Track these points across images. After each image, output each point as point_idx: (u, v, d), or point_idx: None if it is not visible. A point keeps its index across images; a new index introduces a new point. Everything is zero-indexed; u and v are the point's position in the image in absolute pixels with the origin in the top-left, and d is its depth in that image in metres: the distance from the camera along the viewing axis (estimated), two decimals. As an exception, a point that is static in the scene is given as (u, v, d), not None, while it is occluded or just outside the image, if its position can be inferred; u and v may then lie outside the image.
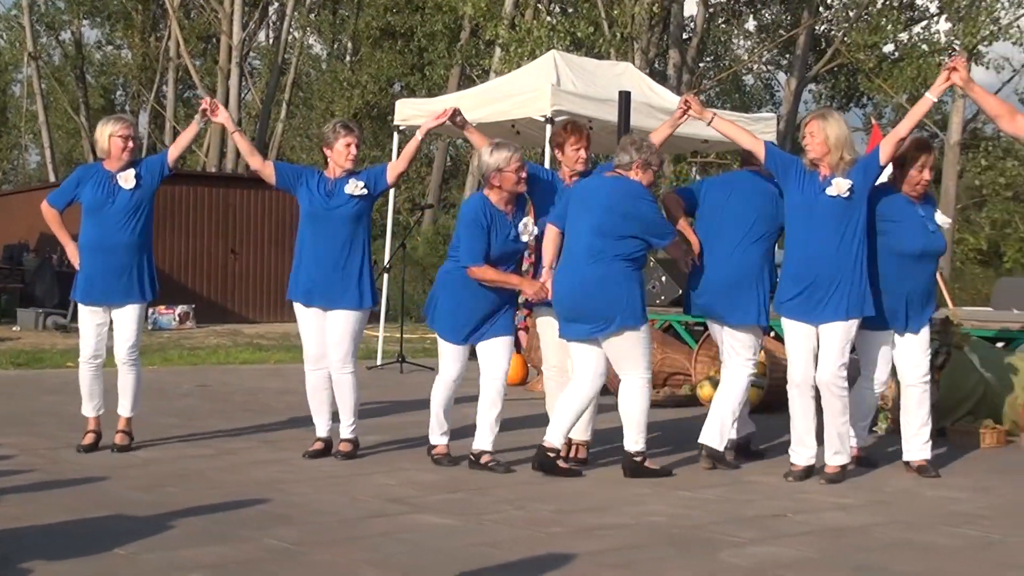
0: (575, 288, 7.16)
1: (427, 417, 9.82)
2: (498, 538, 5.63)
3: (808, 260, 7.12)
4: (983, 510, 6.46)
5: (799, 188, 7.19)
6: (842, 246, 7.08)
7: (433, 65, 33.52)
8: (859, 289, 7.10)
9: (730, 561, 5.26)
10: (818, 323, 7.16)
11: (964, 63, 7.11)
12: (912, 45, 31.05)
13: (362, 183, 7.73)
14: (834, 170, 7.10)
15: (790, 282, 7.21)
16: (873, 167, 7.20)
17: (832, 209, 7.08)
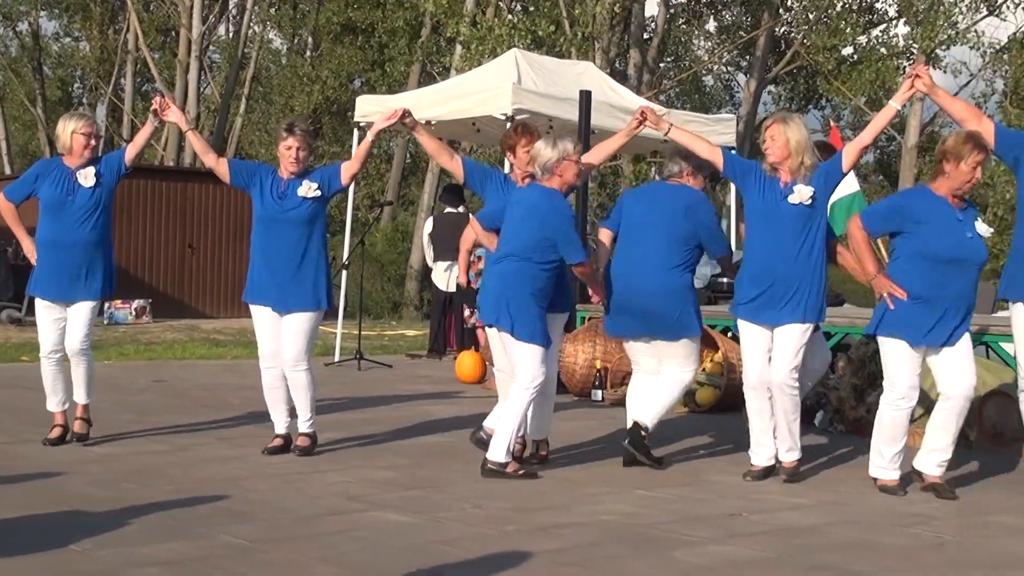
0: (646, 295, 7.45)
1: (384, 414, 9.86)
2: (454, 536, 5.64)
3: (767, 264, 7.14)
4: (935, 511, 6.52)
5: (760, 194, 7.22)
6: (802, 252, 7.12)
7: (394, 61, 33.43)
8: (817, 295, 7.14)
9: (685, 560, 5.29)
10: (774, 325, 7.20)
11: (927, 69, 7.16)
12: (871, 48, 31.24)
13: (315, 184, 7.70)
14: (794, 175, 7.13)
15: (748, 285, 7.23)
16: (835, 174, 7.24)
17: (793, 216, 7.11)
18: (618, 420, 9.78)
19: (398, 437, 8.66)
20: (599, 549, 5.47)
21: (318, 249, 7.78)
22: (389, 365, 13.83)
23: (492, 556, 5.27)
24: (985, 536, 5.94)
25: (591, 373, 11.12)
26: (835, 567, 5.23)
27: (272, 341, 7.80)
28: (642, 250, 7.49)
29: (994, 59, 31.13)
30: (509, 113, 12.89)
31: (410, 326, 21.92)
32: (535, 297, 7.19)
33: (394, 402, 10.64)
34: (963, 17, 29.27)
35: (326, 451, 7.96)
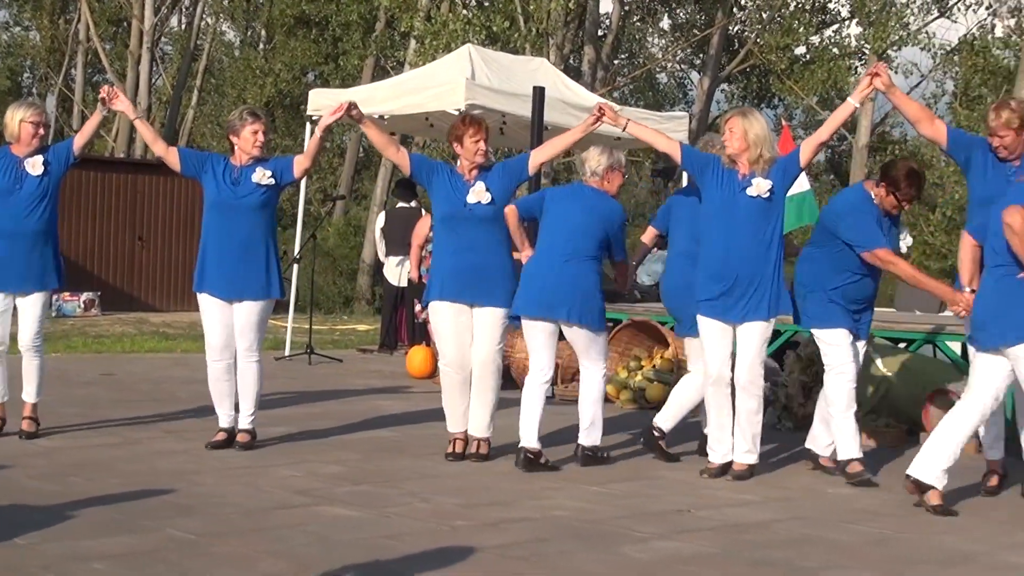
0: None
1: (333, 408, 9.83)
2: (402, 530, 5.63)
3: (727, 259, 7.16)
4: (880, 507, 6.57)
5: (718, 187, 7.24)
6: (760, 246, 7.15)
7: (347, 55, 33.29)
8: (778, 289, 7.19)
9: (632, 555, 5.31)
10: (737, 323, 7.23)
11: (886, 68, 7.22)
12: (823, 48, 31.41)
13: (269, 172, 7.67)
14: (752, 167, 7.17)
15: (709, 281, 7.23)
16: (793, 168, 7.28)
17: (751, 209, 7.14)
18: (568, 416, 9.80)
19: (347, 432, 8.64)
20: (547, 544, 5.48)
21: (270, 237, 7.75)
22: (340, 360, 13.79)
23: (440, 551, 5.27)
24: (928, 531, 5.99)
25: (542, 369, 11.10)
26: (781, 563, 5.26)
27: (220, 333, 7.75)
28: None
29: (944, 60, 31.38)
30: (462, 108, 12.85)
31: (361, 321, 21.87)
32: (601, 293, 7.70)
33: (344, 397, 10.62)
34: (914, 18, 29.51)
35: (275, 445, 7.92)
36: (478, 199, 7.45)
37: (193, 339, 15.37)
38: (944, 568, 5.28)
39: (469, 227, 7.47)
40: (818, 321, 7.31)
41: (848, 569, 5.19)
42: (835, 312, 7.27)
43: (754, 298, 7.14)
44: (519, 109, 13.23)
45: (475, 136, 7.52)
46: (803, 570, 5.15)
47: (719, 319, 7.23)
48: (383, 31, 31.37)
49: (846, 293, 7.28)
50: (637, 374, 10.59)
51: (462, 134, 7.58)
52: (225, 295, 7.70)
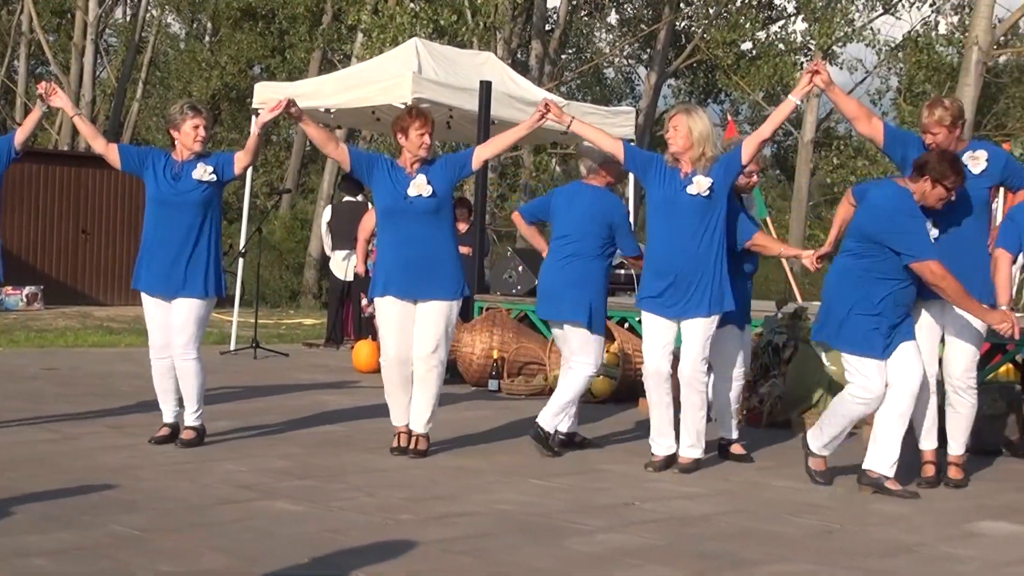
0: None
1: (279, 403, 9.79)
2: (347, 524, 5.62)
3: (670, 256, 7.20)
4: (824, 500, 6.62)
5: (660, 185, 7.28)
6: (703, 243, 7.19)
7: (294, 48, 33.19)
8: (720, 285, 7.23)
9: (577, 548, 5.32)
10: (680, 319, 7.27)
11: (825, 66, 7.28)
12: (769, 44, 31.64)
13: (211, 168, 7.59)
14: (695, 165, 7.20)
15: (652, 278, 7.27)
16: (735, 165, 7.32)
17: (693, 206, 7.18)
18: (514, 410, 9.83)
19: (293, 426, 8.60)
20: (492, 538, 5.48)
21: (211, 235, 7.67)
22: (285, 354, 13.73)
23: (384, 544, 5.26)
24: (870, 524, 6.05)
25: (488, 363, 11.14)
26: (725, 555, 5.29)
27: (162, 331, 7.67)
28: None
29: (889, 57, 31.65)
30: (409, 102, 12.82)
31: (308, 315, 21.79)
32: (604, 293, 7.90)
33: (290, 391, 10.57)
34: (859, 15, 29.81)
35: (220, 440, 7.88)
36: (419, 192, 7.42)
37: (137, 333, 15.27)
38: (885, 560, 5.32)
39: (411, 220, 7.44)
40: (856, 348, 6.75)
41: (790, 561, 5.23)
42: (876, 340, 6.70)
43: (695, 295, 7.18)
44: (466, 103, 13.23)
45: (421, 129, 7.49)
46: (746, 562, 5.18)
47: (661, 315, 7.27)
48: (330, 24, 31.27)
49: (897, 299, 6.72)
50: (583, 368, 10.59)
51: (408, 126, 7.53)
52: (163, 293, 7.61)
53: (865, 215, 6.82)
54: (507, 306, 12.22)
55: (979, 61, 22.14)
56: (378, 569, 4.87)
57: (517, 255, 12.67)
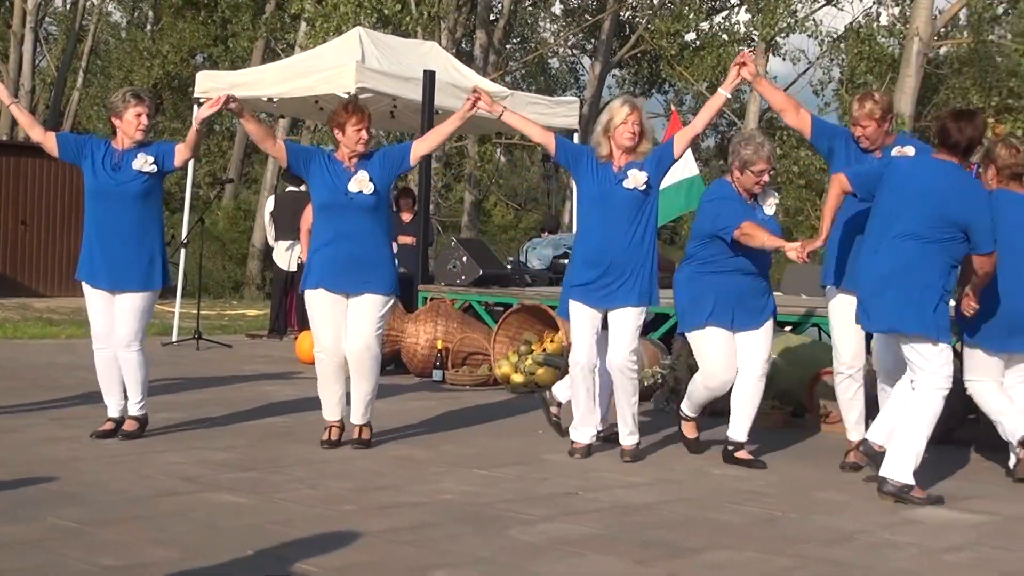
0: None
1: (222, 394, 9.74)
2: (291, 516, 5.60)
3: (602, 248, 7.22)
4: (766, 488, 6.67)
5: (594, 178, 7.28)
6: (636, 236, 7.23)
7: (237, 37, 32.95)
8: (651, 278, 7.29)
9: (520, 538, 5.33)
10: (609, 308, 7.29)
11: (752, 58, 7.33)
12: (713, 35, 31.76)
13: (151, 158, 7.50)
14: (630, 158, 7.23)
15: (582, 268, 7.29)
16: (667, 159, 7.36)
17: (629, 200, 7.21)
18: (458, 400, 9.83)
19: (236, 418, 8.56)
20: (436, 528, 5.48)
21: (154, 226, 7.59)
22: (228, 345, 13.66)
23: (328, 535, 5.25)
24: (812, 512, 6.09)
25: (432, 354, 11.13)
26: (667, 543, 5.32)
27: (105, 321, 7.59)
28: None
29: (831, 48, 31.86)
30: (352, 92, 12.79)
31: (251, 306, 21.69)
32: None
33: (232, 383, 10.52)
34: (802, 6, 29.94)
35: (162, 432, 7.82)
36: (360, 188, 7.37)
37: (78, 325, 15.12)
38: (826, 547, 5.37)
39: (349, 216, 7.38)
40: (945, 335, 6.47)
41: (732, 549, 5.26)
42: (946, 321, 6.52)
43: (627, 285, 7.23)
44: (410, 93, 13.21)
45: (357, 125, 7.42)
46: (688, 550, 5.21)
47: (590, 305, 7.29)
48: (273, 13, 31.09)
49: (949, 290, 6.59)
50: (528, 358, 10.63)
51: (344, 122, 7.45)
52: (106, 285, 7.53)
53: (955, 198, 6.49)
54: (451, 296, 12.21)
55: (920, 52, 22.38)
56: (321, 560, 4.86)
57: (461, 245, 12.67)
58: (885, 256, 6.55)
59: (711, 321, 7.29)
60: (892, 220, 6.55)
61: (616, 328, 7.30)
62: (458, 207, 31.33)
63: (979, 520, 6.04)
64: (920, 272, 6.46)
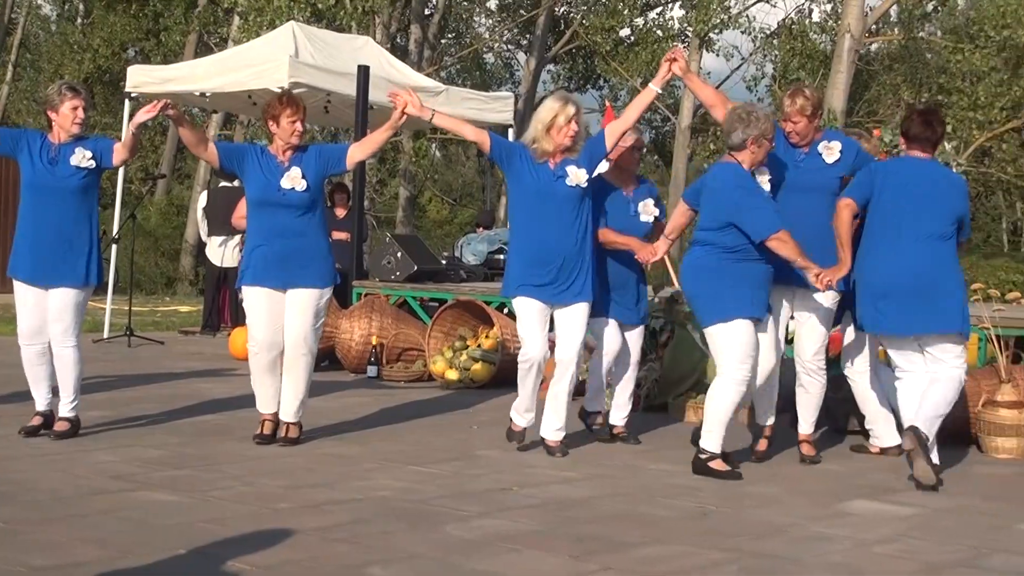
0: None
1: (154, 391, 9.66)
2: (224, 514, 5.57)
3: (547, 246, 7.21)
4: (699, 482, 6.71)
5: (531, 175, 7.28)
6: (578, 232, 7.27)
7: (169, 31, 32.66)
8: (594, 273, 7.35)
9: (456, 534, 5.33)
10: (560, 305, 7.30)
11: (683, 54, 7.38)
12: (647, 30, 31.89)
13: (90, 153, 7.42)
14: (566, 155, 7.25)
15: (531, 265, 7.26)
16: (599, 154, 7.40)
17: (570, 196, 7.23)
18: (393, 396, 9.82)
19: (168, 415, 8.49)
20: (370, 525, 5.47)
21: (90, 222, 7.49)
22: (161, 342, 13.55)
23: (262, 533, 5.22)
24: (744, 506, 6.14)
25: (367, 349, 11.10)
26: (602, 538, 5.34)
27: (34, 317, 7.48)
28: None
29: (764, 44, 32.08)
30: (286, 87, 12.72)
31: (184, 302, 21.52)
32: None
33: (165, 379, 10.44)
34: (735, 2, 30.13)
35: (93, 430, 7.74)
36: (292, 185, 7.33)
37: (6, 322, 14.93)
38: (757, 540, 5.41)
39: (283, 212, 7.34)
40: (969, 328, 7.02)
41: (665, 544, 5.29)
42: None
43: (577, 281, 7.26)
44: (344, 88, 13.17)
45: (292, 117, 7.37)
46: (623, 545, 5.23)
47: (541, 302, 7.31)
48: (206, 7, 30.85)
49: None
50: (462, 354, 10.63)
51: (278, 114, 7.41)
52: (40, 281, 7.43)
53: (956, 194, 6.93)
54: (386, 292, 12.19)
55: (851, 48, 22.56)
56: (254, 559, 4.84)
57: (396, 241, 12.64)
58: (912, 258, 6.80)
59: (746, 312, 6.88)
60: (906, 222, 6.83)
61: (567, 325, 7.32)
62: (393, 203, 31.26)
63: (908, 513, 6.11)
64: (954, 271, 6.84)
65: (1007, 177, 29.46)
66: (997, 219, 36.72)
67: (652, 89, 7.45)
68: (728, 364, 6.81)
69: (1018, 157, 28.92)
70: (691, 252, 7.04)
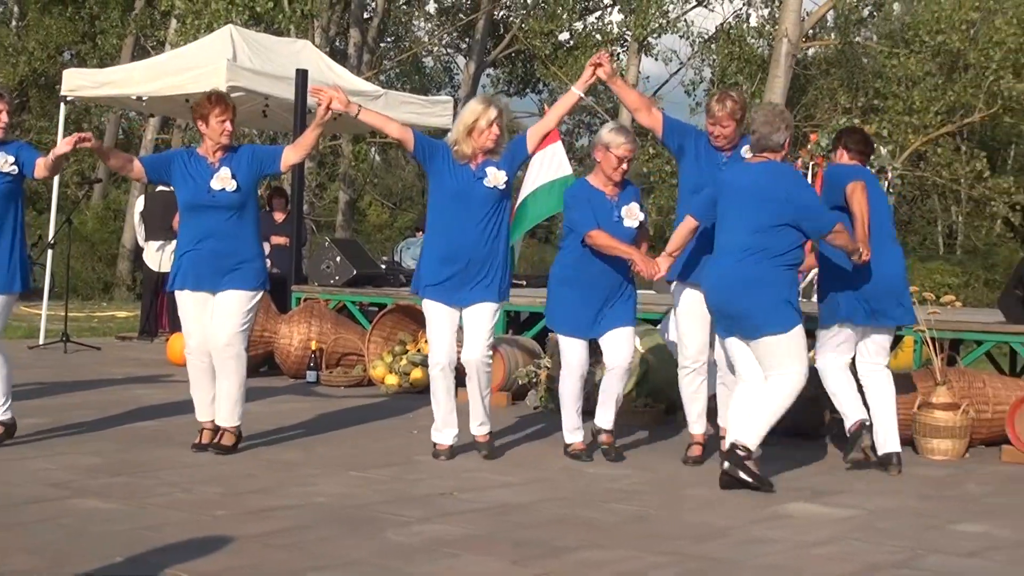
0: (724, 289, 6.84)
1: (91, 398, 9.57)
2: (162, 521, 5.52)
3: (459, 246, 7.22)
4: (639, 486, 6.74)
5: (452, 175, 7.28)
6: (492, 233, 7.27)
7: (105, 34, 32.35)
8: (505, 274, 7.37)
9: (396, 540, 5.32)
10: (466, 305, 7.31)
11: (608, 58, 7.41)
12: (586, 35, 31.94)
13: (12, 158, 7.30)
14: (487, 156, 7.25)
15: (440, 265, 7.27)
16: (520, 154, 7.44)
17: (488, 198, 7.24)
18: (333, 401, 9.78)
19: (105, 422, 8.41)
20: (310, 531, 5.44)
21: (14, 227, 7.38)
22: (98, 347, 13.42)
23: (200, 541, 5.18)
24: (684, 509, 6.17)
25: (306, 355, 11.06)
26: (541, 543, 5.34)
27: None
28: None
29: (702, 48, 32.24)
30: (223, 90, 12.64)
31: (121, 307, 21.35)
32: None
33: (102, 386, 10.34)
34: (674, 6, 30.26)
35: (28, 438, 7.65)
36: (223, 186, 7.27)
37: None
38: (698, 543, 5.44)
39: (213, 214, 7.27)
40: None
41: (605, 548, 5.31)
42: None
43: (485, 281, 7.26)
44: (282, 92, 13.12)
45: (221, 116, 7.30)
46: (562, 549, 5.24)
47: (446, 302, 7.31)
48: (143, 9, 30.59)
49: None
50: (402, 358, 10.61)
51: (207, 113, 7.31)
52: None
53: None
54: (325, 297, 12.15)
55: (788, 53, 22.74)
56: (193, 566, 4.80)
57: (335, 245, 12.60)
58: (894, 258, 7.42)
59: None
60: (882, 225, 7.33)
61: (474, 325, 7.31)
62: (332, 207, 31.10)
63: (846, 515, 6.17)
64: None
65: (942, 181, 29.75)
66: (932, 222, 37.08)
67: (574, 92, 7.50)
68: (799, 365, 6.74)
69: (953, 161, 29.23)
70: (736, 261, 6.77)
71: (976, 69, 26.72)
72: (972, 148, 30.41)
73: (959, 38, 26.36)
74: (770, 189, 6.73)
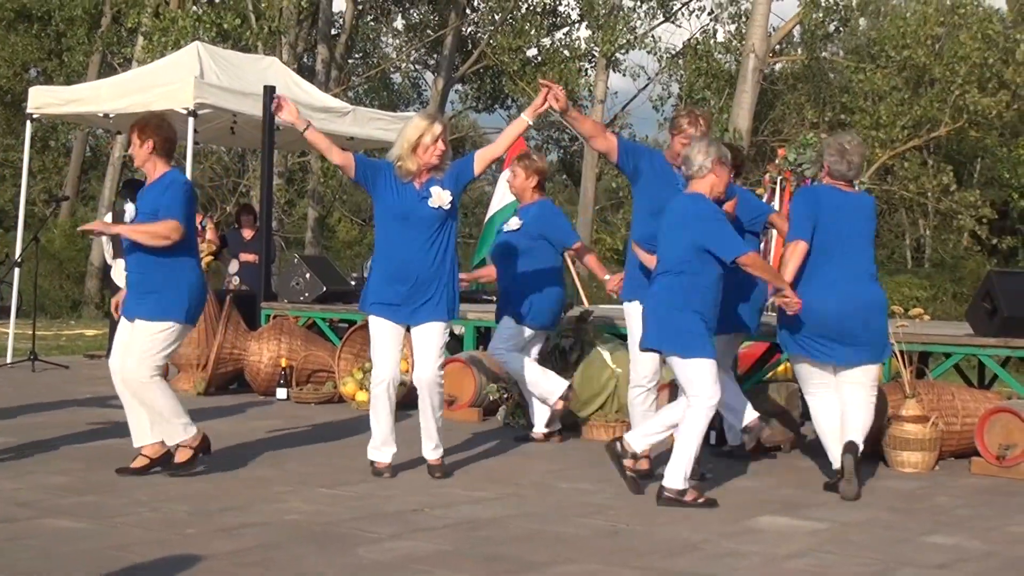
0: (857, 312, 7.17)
1: (59, 417, 9.50)
2: (131, 540, 5.48)
3: (407, 265, 7.18)
4: (610, 500, 6.73)
5: (396, 195, 7.22)
6: (439, 252, 7.24)
7: (72, 51, 32.25)
8: (454, 294, 7.34)
9: (368, 556, 5.30)
10: (413, 324, 7.29)
11: (562, 91, 7.29)
12: (554, 50, 32.03)
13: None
14: (432, 175, 7.23)
15: (386, 283, 7.25)
16: (465, 176, 7.37)
17: (433, 217, 7.20)
18: (303, 418, 9.75)
19: (73, 441, 8.35)
20: (281, 549, 5.42)
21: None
22: (66, 366, 13.35)
23: (169, 559, 5.15)
24: (656, 523, 6.17)
25: (276, 372, 11.02)
26: (513, 558, 5.33)
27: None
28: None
29: (670, 64, 32.36)
30: (191, 107, 12.65)
31: (90, 325, 21.22)
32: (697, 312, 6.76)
33: (70, 405, 10.27)
34: (641, 23, 30.42)
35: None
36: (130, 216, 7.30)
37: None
38: (670, 558, 5.44)
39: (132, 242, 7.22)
40: None
41: (577, 563, 5.30)
42: None
43: (433, 300, 7.23)
44: (249, 108, 13.09)
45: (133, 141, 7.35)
46: (534, 564, 5.23)
47: (393, 320, 7.28)
48: (109, 27, 30.51)
49: None
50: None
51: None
52: None
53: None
54: (295, 313, 12.11)
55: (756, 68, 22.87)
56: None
57: (304, 262, 12.57)
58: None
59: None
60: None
61: (423, 344, 7.28)
62: (302, 223, 31.05)
63: (817, 527, 6.18)
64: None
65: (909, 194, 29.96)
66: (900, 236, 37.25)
67: (523, 120, 7.42)
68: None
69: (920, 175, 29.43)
70: (865, 284, 7.20)
71: (942, 83, 26.94)
72: (939, 162, 30.63)
73: (924, 53, 26.57)
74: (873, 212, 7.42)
